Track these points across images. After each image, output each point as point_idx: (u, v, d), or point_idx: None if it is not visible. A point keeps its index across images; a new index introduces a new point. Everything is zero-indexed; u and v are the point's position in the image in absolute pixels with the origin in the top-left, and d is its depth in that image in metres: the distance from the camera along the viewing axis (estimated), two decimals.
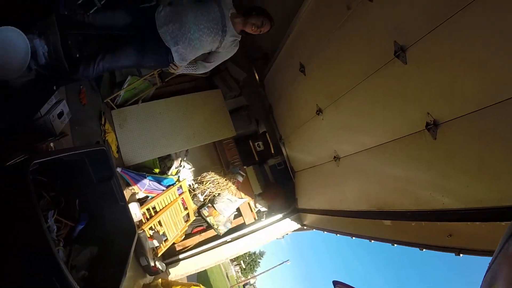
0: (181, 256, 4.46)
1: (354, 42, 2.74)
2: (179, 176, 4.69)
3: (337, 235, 3.78)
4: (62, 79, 2.38)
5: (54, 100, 2.56)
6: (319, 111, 3.52)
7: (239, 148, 5.14)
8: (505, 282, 0.50)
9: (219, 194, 4.77)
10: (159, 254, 4.03)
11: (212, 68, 2.94)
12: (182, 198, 4.50)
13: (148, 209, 3.98)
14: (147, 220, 3.90)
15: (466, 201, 1.88)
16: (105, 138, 3.82)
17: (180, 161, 4.83)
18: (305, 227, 4.68)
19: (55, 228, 1.94)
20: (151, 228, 3.92)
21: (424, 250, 2.39)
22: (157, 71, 4.06)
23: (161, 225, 4.05)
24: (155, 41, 2.46)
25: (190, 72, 2.83)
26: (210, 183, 4.82)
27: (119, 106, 4.30)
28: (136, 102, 4.40)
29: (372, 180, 2.81)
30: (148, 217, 3.97)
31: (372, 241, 3.04)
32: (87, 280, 1.94)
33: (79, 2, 3.20)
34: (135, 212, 3.64)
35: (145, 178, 4.07)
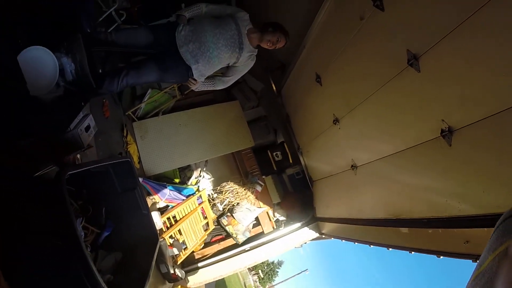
0: (200, 264, 4.50)
1: (368, 52, 2.77)
2: (199, 186, 4.78)
3: (355, 244, 3.77)
4: (88, 94, 2.51)
5: (82, 115, 2.69)
6: (336, 121, 3.56)
7: (258, 158, 5.20)
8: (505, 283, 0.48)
9: (238, 204, 4.82)
10: (179, 262, 4.10)
11: None
12: (202, 208, 4.58)
13: (169, 218, 4.08)
14: (167, 229, 3.99)
15: (483, 207, 1.86)
16: (127, 149, 3.95)
17: (200, 171, 4.93)
18: (324, 236, 4.66)
19: (83, 234, 2.05)
20: (171, 237, 4.00)
21: (441, 257, 2.38)
22: (177, 84, 4.19)
23: (181, 234, 4.13)
24: (176, 59, 2.57)
25: (209, 88, 2.91)
26: (229, 193, 4.88)
27: (140, 118, 4.45)
28: (157, 114, 4.54)
29: (389, 188, 2.82)
30: (168, 226, 4.06)
31: (390, 249, 3.02)
32: (112, 284, 2.03)
33: (100, 19, 3.37)
34: (156, 221, 3.72)
35: (166, 188, 4.17)
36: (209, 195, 4.92)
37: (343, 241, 4.13)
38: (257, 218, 4.94)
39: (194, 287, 4.42)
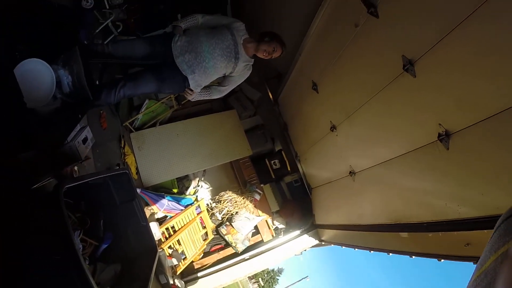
0: (200, 274, 4.46)
1: (364, 58, 2.79)
2: (197, 196, 4.77)
3: (355, 250, 3.75)
4: (86, 106, 2.51)
5: (79, 127, 2.69)
6: (333, 128, 3.57)
7: (256, 167, 5.21)
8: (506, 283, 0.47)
9: (237, 213, 4.80)
10: (178, 272, 4.05)
11: None
12: (201, 217, 4.55)
13: (167, 228, 4.05)
14: (166, 239, 3.96)
15: (482, 209, 1.87)
16: (125, 160, 3.94)
17: (198, 181, 4.92)
18: (323, 243, 4.64)
19: (81, 247, 2.03)
20: (170, 247, 3.97)
21: (442, 261, 2.37)
22: (174, 95, 4.20)
23: (180, 244, 4.10)
24: (173, 70, 2.58)
25: (205, 98, 2.92)
26: (228, 202, 4.86)
27: (138, 129, 4.46)
28: (154, 125, 4.54)
29: (388, 193, 2.82)
30: (167, 236, 4.03)
31: (390, 254, 3.01)
32: None
33: (97, 31, 3.38)
34: (155, 232, 3.70)
35: (164, 198, 4.15)
36: (208, 205, 4.90)
37: (343, 248, 4.12)
38: (256, 227, 4.92)
39: None
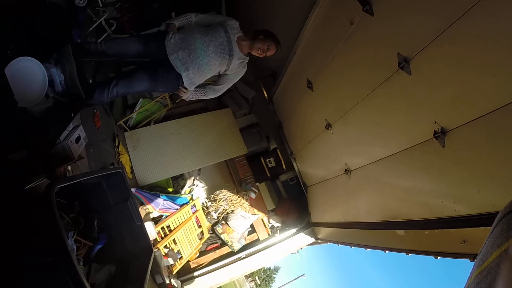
0: (196, 274, 4.44)
1: (359, 56, 2.79)
2: (193, 195, 4.74)
3: (352, 247, 3.75)
4: (78, 105, 2.48)
5: (72, 126, 2.66)
6: (328, 126, 3.56)
7: (251, 165, 5.19)
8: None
9: (233, 211, 4.78)
10: (174, 272, 4.04)
11: None
12: (196, 216, 4.53)
13: (163, 228, 4.04)
14: (162, 239, 3.94)
15: (478, 207, 1.87)
16: (119, 160, 3.91)
17: (193, 180, 4.89)
18: (320, 241, 4.64)
19: (75, 248, 2.00)
20: (166, 247, 3.96)
21: (439, 258, 2.38)
22: (168, 93, 4.17)
23: (176, 243, 4.08)
24: (166, 67, 2.56)
25: (200, 98, 2.89)
26: (224, 201, 4.84)
27: (132, 128, 4.43)
28: (148, 124, 4.52)
29: (384, 191, 2.82)
30: (163, 236, 4.01)
31: (387, 252, 3.01)
32: None
33: (90, 29, 3.35)
34: (150, 231, 3.68)
35: (159, 198, 4.13)
36: (203, 204, 4.88)
37: (340, 246, 4.12)
38: (252, 225, 4.91)
39: None
